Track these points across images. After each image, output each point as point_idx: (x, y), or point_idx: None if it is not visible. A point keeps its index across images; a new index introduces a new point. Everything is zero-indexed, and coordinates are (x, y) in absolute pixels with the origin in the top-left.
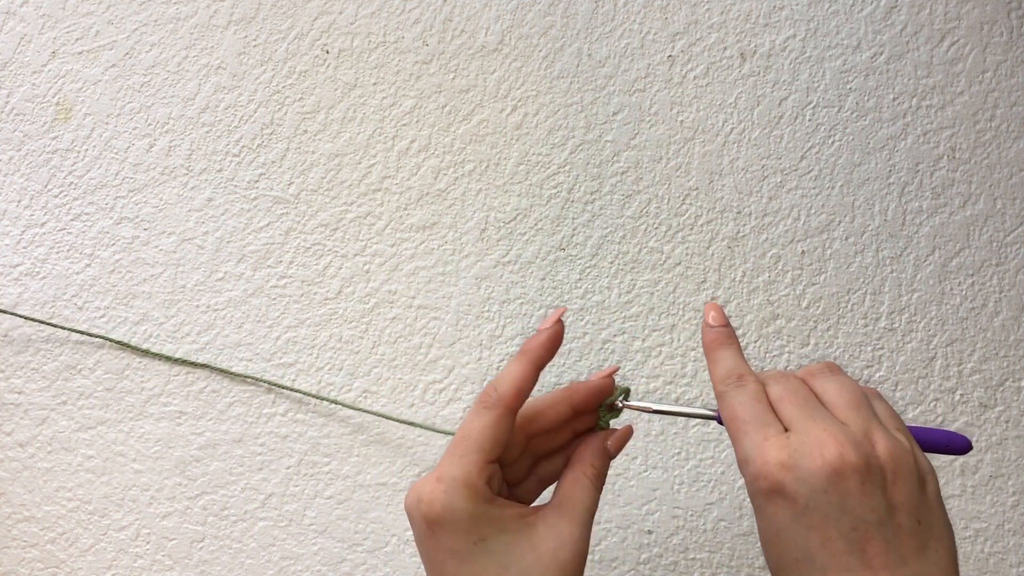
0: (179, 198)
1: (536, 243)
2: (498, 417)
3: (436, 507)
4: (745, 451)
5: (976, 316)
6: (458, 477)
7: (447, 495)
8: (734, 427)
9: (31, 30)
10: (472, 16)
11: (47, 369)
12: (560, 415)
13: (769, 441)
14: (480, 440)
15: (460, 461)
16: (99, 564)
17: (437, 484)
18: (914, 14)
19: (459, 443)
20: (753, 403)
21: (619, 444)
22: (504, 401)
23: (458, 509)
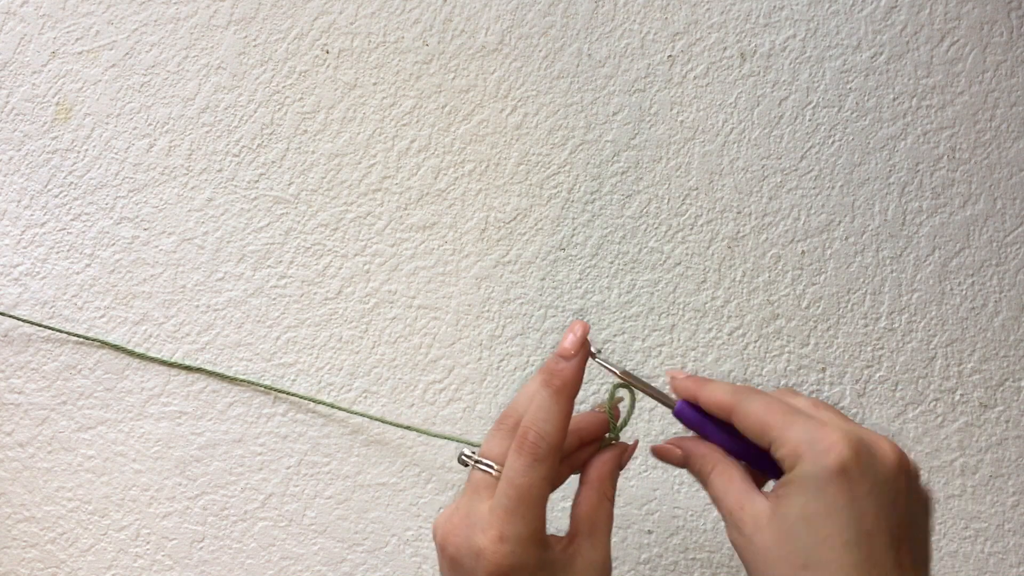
0: (179, 198)
1: (536, 243)
2: (552, 467)
3: (504, 567)
4: (800, 434)
5: (976, 316)
6: (524, 536)
7: (515, 556)
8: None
9: (31, 30)
10: (472, 16)
11: (47, 369)
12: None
13: (828, 427)
14: (539, 496)
15: (524, 520)
16: (99, 564)
17: (501, 544)
18: (914, 14)
19: (518, 502)
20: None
21: (629, 459)
22: (554, 450)
23: (528, 566)
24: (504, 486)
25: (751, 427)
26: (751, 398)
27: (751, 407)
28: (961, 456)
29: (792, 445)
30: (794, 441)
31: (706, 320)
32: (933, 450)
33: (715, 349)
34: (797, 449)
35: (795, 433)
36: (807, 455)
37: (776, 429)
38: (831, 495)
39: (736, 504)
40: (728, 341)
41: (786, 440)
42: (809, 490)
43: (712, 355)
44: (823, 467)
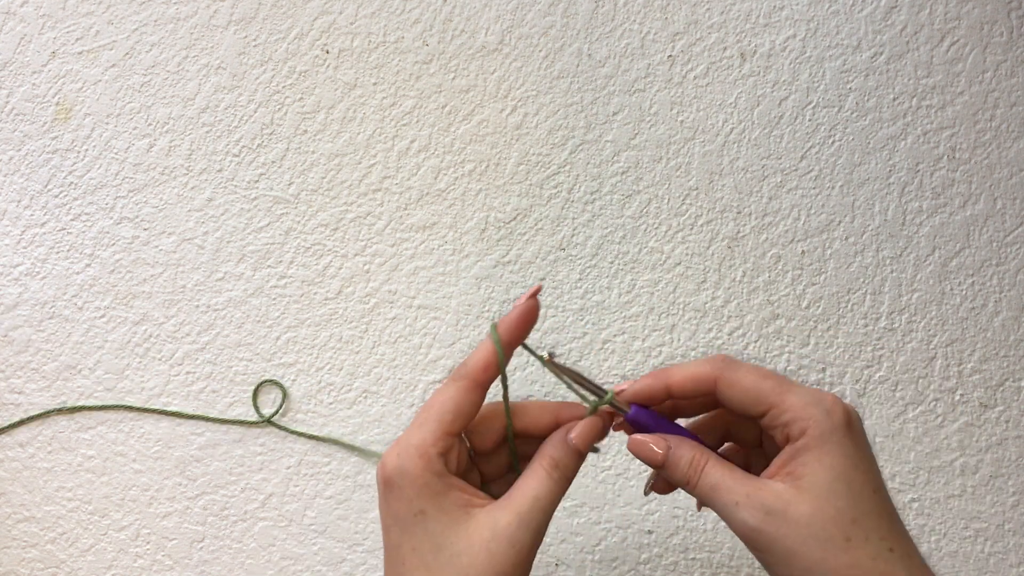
0: (179, 198)
1: (536, 243)
2: (462, 389)
3: (387, 469)
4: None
5: (976, 316)
6: (412, 443)
7: (399, 459)
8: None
9: (31, 30)
10: (472, 16)
11: (47, 369)
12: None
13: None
14: (440, 411)
15: (418, 429)
16: (99, 564)
17: (394, 447)
18: (914, 14)
19: (421, 412)
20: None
21: (584, 437)
22: (470, 374)
23: (406, 474)
24: (422, 406)
25: (741, 397)
26: (735, 367)
27: (739, 374)
28: (961, 456)
29: (798, 410)
30: (799, 406)
31: (706, 320)
32: (933, 450)
33: (715, 349)
34: (804, 410)
35: (796, 398)
36: (817, 417)
37: (773, 393)
38: (851, 449)
39: (751, 487)
40: (728, 341)
41: (789, 406)
42: (832, 448)
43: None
44: (837, 425)
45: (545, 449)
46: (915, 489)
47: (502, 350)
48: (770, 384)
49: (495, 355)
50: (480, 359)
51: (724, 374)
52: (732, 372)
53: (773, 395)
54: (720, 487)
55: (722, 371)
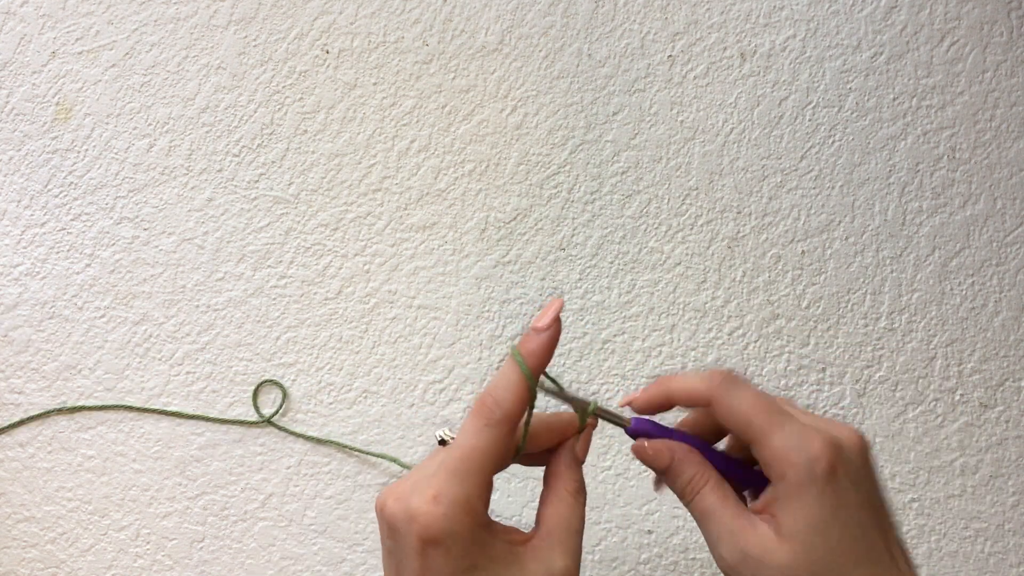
0: (179, 198)
1: (536, 243)
2: (504, 435)
3: (433, 530)
4: (787, 440)
5: (976, 316)
6: (459, 500)
7: (447, 519)
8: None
9: (31, 30)
10: (472, 16)
11: (47, 369)
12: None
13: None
14: (483, 460)
15: (462, 483)
16: (99, 564)
17: (435, 505)
18: (914, 14)
19: (460, 461)
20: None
21: (586, 447)
22: (509, 418)
23: (456, 534)
24: (451, 450)
25: (731, 423)
26: (732, 390)
27: (734, 400)
28: (961, 456)
29: (780, 451)
30: (782, 447)
31: (706, 320)
32: (933, 450)
33: (715, 349)
34: (787, 456)
35: (781, 439)
36: (798, 463)
37: (760, 430)
38: (829, 498)
39: (737, 526)
40: (728, 341)
41: (772, 445)
42: (810, 499)
43: (712, 355)
44: (817, 475)
45: (562, 471)
46: (915, 489)
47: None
48: (761, 419)
49: (527, 391)
50: (517, 399)
51: (719, 396)
52: (727, 395)
53: (760, 431)
54: (709, 515)
55: (718, 392)
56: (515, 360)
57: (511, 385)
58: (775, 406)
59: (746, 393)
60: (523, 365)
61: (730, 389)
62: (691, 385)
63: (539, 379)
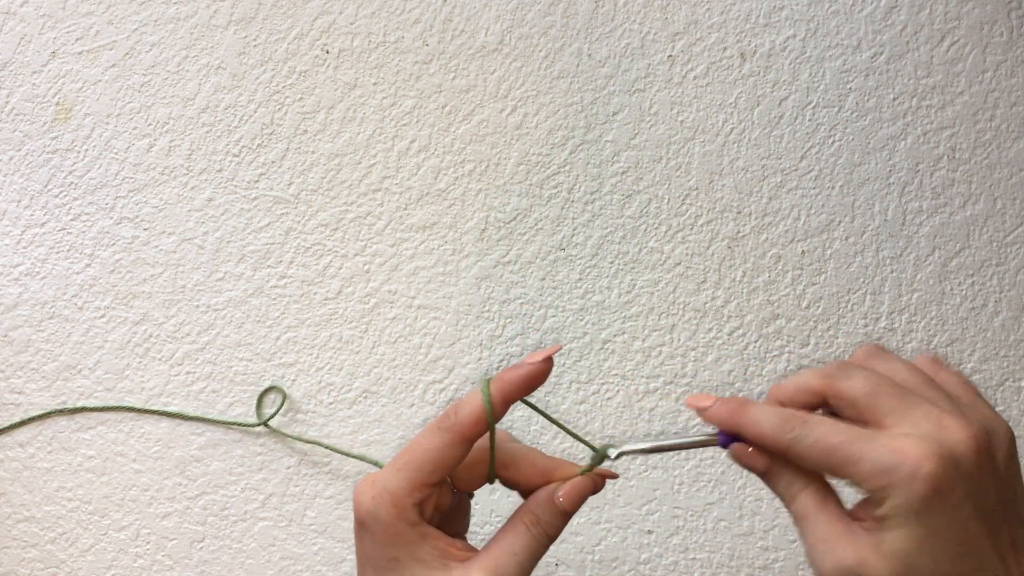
0: (179, 198)
1: (536, 243)
2: (449, 442)
3: (362, 510)
4: (878, 463)
5: (976, 316)
6: (389, 488)
7: (374, 503)
8: (841, 454)
9: (31, 30)
10: (472, 16)
11: (47, 369)
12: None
13: (899, 440)
14: (422, 460)
15: (396, 474)
16: (99, 564)
17: (370, 488)
18: (914, 14)
19: (403, 455)
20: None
21: (572, 497)
22: (459, 428)
23: (379, 520)
24: (405, 445)
25: (815, 466)
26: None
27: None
28: None
29: (874, 479)
30: (874, 473)
31: (706, 320)
32: None
33: (715, 349)
34: (881, 482)
35: (871, 464)
36: (895, 485)
37: (849, 465)
38: (934, 518)
39: (835, 532)
40: (728, 341)
41: (864, 475)
42: (912, 520)
43: (712, 355)
44: (917, 496)
45: (529, 505)
46: None
47: (492, 411)
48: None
49: (480, 410)
50: (471, 414)
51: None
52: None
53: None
54: (805, 519)
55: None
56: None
57: (471, 400)
58: (850, 436)
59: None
60: (484, 389)
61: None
62: (762, 432)
63: (504, 408)
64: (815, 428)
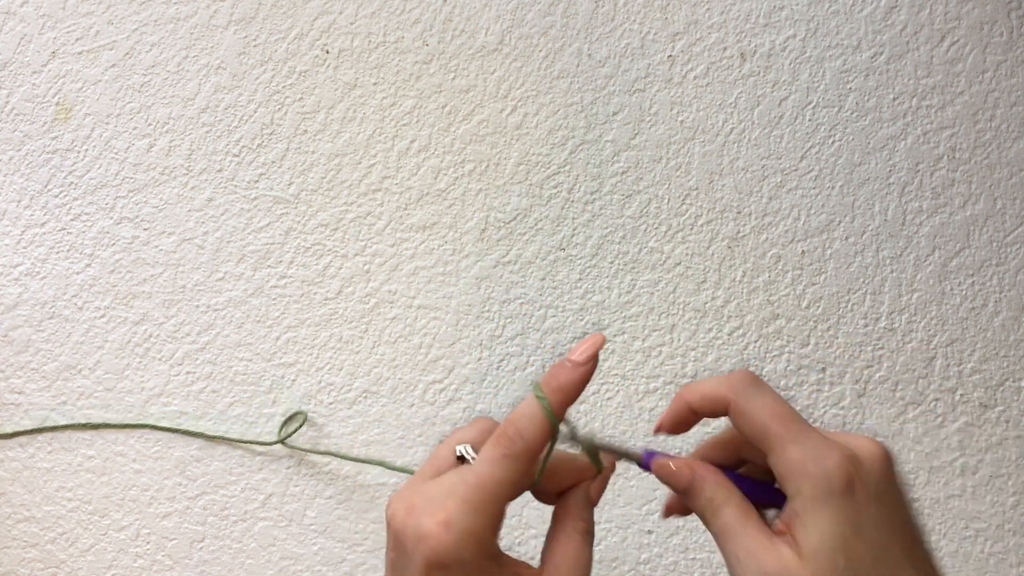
0: (179, 198)
1: (536, 243)
2: (522, 468)
3: (441, 555)
4: (803, 452)
5: (976, 316)
6: (470, 530)
7: (456, 547)
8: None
9: (31, 30)
10: (472, 16)
11: (47, 369)
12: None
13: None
14: (498, 491)
15: (474, 512)
16: (99, 564)
17: (446, 531)
18: (914, 14)
19: (476, 490)
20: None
21: (600, 490)
22: (529, 450)
23: (464, 563)
24: (467, 473)
25: (748, 431)
26: (751, 394)
27: (752, 404)
28: (961, 456)
29: (796, 463)
30: (798, 459)
31: (706, 320)
32: (933, 450)
33: (715, 349)
34: (803, 468)
35: (798, 450)
36: (814, 476)
37: (777, 438)
38: (848, 515)
39: (758, 545)
40: (728, 341)
41: (788, 456)
42: (828, 515)
43: (712, 355)
44: (834, 489)
45: (574, 511)
46: (915, 489)
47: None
48: (778, 427)
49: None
50: (539, 432)
51: (738, 401)
52: (746, 401)
53: (776, 440)
54: (729, 534)
55: (737, 397)
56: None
57: (535, 417)
58: (794, 415)
59: (766, 399)
60: (545, 402)
61: (749, 393)
62: (709, 389)
63: (564, 416)
64: (766, 394)
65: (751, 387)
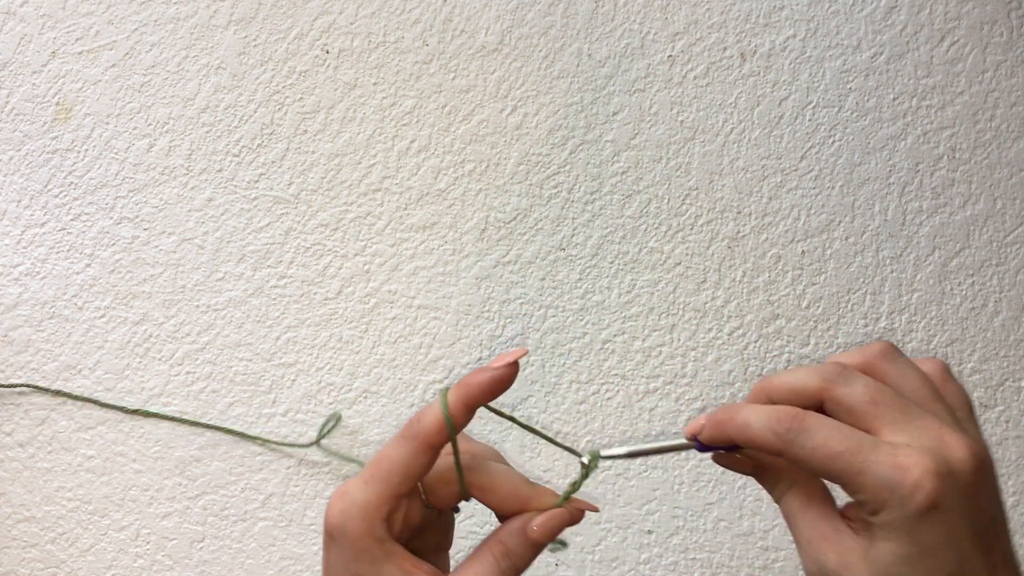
0: (179, 198)
1: (536, 243)
2: (414, 451)
3: (330, 523)
4: (881, 477)
5: (976, 316)
6: (357, 502)
7: (342, 516)
8: (844, 462)
9: (31, 30)
10: (472, 16)
11: (47, 369)
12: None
13: (901, 453)
14: (388, 471)
15: (364, 486)
16: (99, 564)
17: (339, 500)
18: (914, 14)
19: (372, 466)
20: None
21: (546, 529)
22: (423, 436)
23: (346, 534)
24: (373, 456)
25: (811, 467)
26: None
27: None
28: None
29: (875, 493)
30: (876, 488)
31: (706, 320)
32: None
33: (715, 349)
34: (877, 496)
35: (873, 479)
36: (891, 500)
37: (845, 472)
38: (925, 534)
39: (818, 534)
40: (728, 341)
41: (859, 488)
42: (905, 536)
43: (712, 355)
44: (912, 511)
45: (500, 534)
46: None
47: (451, 418)
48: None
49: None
50: (434, 421)
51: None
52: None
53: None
54: (791, 519)
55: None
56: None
57: (434, 409)
58: (854, 443)
59: (817, 438)
60: (443, 398)
61: (798, 440)
62: (754, 435)
63: (467, 414)
64: (816, 432)
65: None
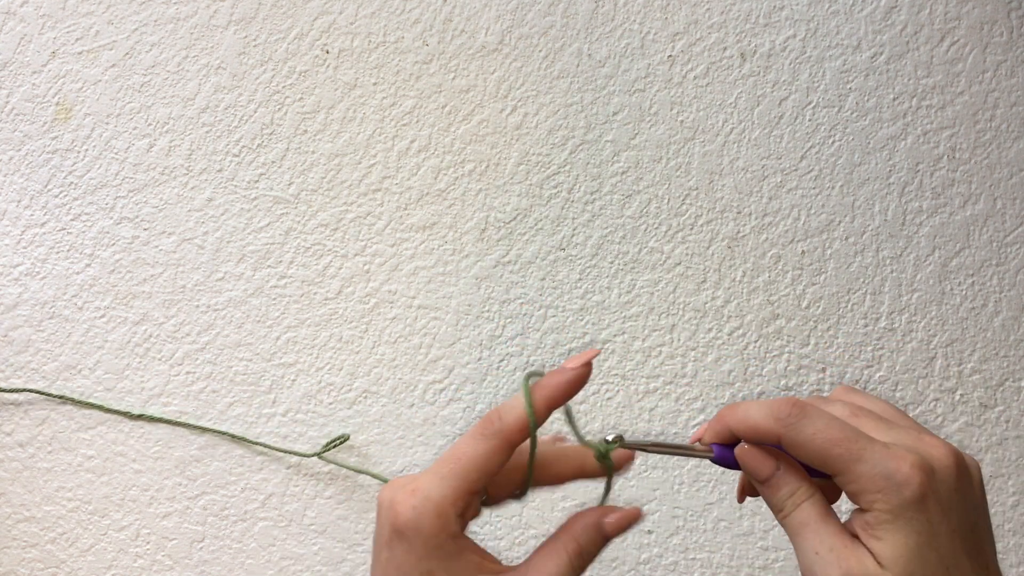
0: (179, 198)
1: (536, 243)
2: (494, 449)
3: (401, 520)
4: (873, 468)
5: (976, 316)
6: (432, 498)
7: (415, 512)
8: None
9: (31, 30)
10: (472, 16)
11: (47, 369)
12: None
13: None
14: (467, 468)
15: (440, 482)
16: (99, 564)
17: (411, 496)
18: (914, 14)
19: (446, 463)
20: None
21: (620, 525)
22: (505, 434)
23: (421, 532)
24: (445, 453)
25: (808, 457)
26: (801, 424)
27: (805, 435)
28: None
29: (865, 481)
30: (867, 477)
31: (706, 320)
32: None
33: (715, 349)
34: (873, 485)
35: (864, 468)
36: (886, 491)
37: (840, 462)
38: (921, 526)
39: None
40: (728, 341)
41: (856, 476)
42: (903, 527)
43: (712, 355)
44: (908, 499)
45: (573, 530)
46: None
47: (534, 417)
48: (839, 451)
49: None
50: (517, 420)
51: (788, 434)
52: (797, 434)
53: (840, 465)
54: (808, 529)
55: (787, 431)
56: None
57: (515, 405)
58: (850, 433)
59: (817, 424)
60: (527, 393)
61: (798, 426)
62: (754, 422)
63: (547, 414)
64: (817, 419)
65: (799, 417)
